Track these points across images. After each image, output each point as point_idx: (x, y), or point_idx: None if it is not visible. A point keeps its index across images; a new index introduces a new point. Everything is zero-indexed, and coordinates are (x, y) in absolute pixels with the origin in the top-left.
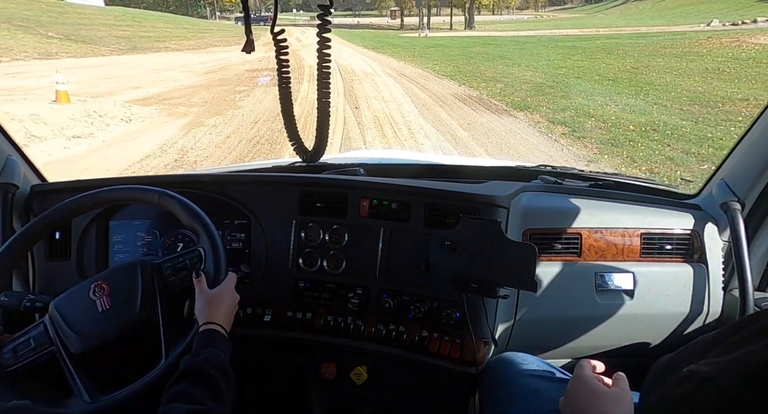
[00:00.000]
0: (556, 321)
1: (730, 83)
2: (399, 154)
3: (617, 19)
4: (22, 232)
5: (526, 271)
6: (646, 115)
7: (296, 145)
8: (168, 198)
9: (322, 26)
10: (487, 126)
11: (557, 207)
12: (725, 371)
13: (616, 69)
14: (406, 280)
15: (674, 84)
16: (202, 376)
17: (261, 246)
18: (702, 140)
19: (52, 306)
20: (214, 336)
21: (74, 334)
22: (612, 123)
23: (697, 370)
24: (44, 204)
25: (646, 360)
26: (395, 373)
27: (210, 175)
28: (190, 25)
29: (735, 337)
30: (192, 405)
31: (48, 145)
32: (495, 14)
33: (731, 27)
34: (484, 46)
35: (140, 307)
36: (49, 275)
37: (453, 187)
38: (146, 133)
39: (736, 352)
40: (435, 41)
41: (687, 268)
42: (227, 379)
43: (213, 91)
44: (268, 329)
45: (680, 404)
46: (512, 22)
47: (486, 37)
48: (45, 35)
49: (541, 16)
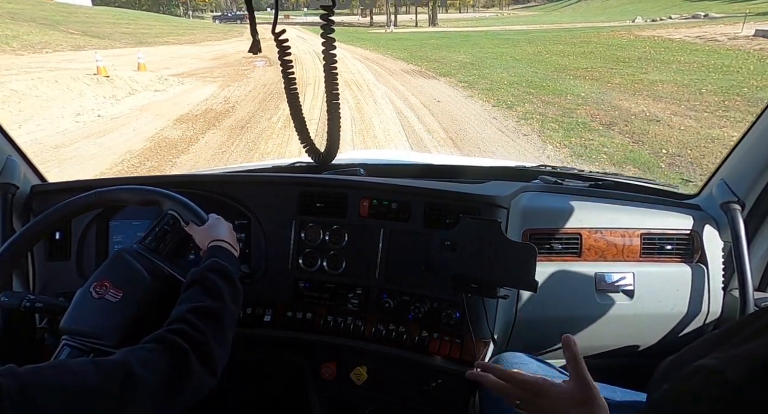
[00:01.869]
0: (556, 321)
1: (589, 60)
2: (399, 154)
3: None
4: (22, 232)
5: (526, 271)
6: (520, 77)
7: (308, 147)
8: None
9: (327, 27)
10: (419, 84)
11: (557, 207)
12: (732, 364)
13: (526, 53)
14: (406, 280)
15: (556, 61)
16: (202, 281)
17: (261, 246)
18: (541, 86)
19: (62, 328)
20: (216, 249)
21: (102, 334)
22: (496, 82)
23: (704, 365)
24: (44, 204)
25: (646, 360)
26: (395, 373)
27: (210, 175)
28: (177, 24)
29: (741, 334)
30: (188, 304)
31: (143, 94)
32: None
33: (650, 23)
34: (438, 39)
35: (150, 277)
36: (49, 275)
37: (453, 187)
38: (196, 90)
39: (743, 347)
40: (398, 36)
41: (687, 268)
42: (228, 282)
43: (224, 70)
44: (268, 329)
45: (687, 398)
46: (474, 20)
47: (443, 32)
48: (67, 32)
49: (503, 14)
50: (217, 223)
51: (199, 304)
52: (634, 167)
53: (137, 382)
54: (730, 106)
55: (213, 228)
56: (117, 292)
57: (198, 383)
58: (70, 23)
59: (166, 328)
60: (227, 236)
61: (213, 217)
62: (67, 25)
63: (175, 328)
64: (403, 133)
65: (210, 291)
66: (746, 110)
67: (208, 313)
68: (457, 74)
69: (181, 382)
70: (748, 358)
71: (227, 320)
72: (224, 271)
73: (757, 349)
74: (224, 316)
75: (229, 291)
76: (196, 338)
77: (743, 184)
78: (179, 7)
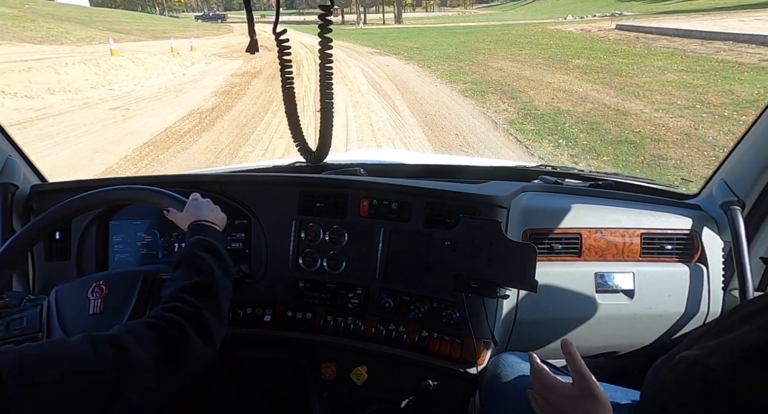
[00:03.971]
0: (556, 321)
1: (495, 44)
2: (399, 154)
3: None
4: (22, 232)
5: (526, 271)
6: (444, 54)
7: (300, 146)
8: None
9: (324, 27)
10: (377, 59)
11: (557, 207)
12: (713, 353)
13: (458, 41)
14: (406, 280)
15: (473, 46)
16: (189, 259)
17: (261, 246)
18: (454, 58)
19: (54, 291)
20: (199, 227)
21: (60, 328)
22: (428, 57)
23: (687, 355)
24: (44, 204)
25: (646, 360)
26: (395, 373)
27: (210, 175)
28: (173, 22)
29: (722, 325)
30: (179, 283)
31: (198, 65)
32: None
33: (578, 20)
34: (398, 33)
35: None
36: (49, 275)
37: (453, 187)
38: (230, 63)
39: (724, 337)
40: (366, 31)
41: (687, 268)
42: (215, 256)
43: (239, 53)
44: (268, 329)
45: (672, 389)
46: (436, 18)
47: (405, 28)
48: (97, 29)
49: (464, 12)
50: (194, 203)
51: (190, 282)
52: (466, 85)
53: (130, 356)
54: (549, 65)
55: (192, 209)
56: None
57: (197, 354)
58: (94, 22)
59: (161, 306)
60: (208, 214)
61: (191, 198)
62: (95, 24)
63: (170, 306)
64: (366, 81)
65: (198, 268)
66: (552, 66)
67: (200, 289)
68: (403, 53)
69: (177, 357)
70: (728, 347)
71: (221, 293)
72: (209, 246)
73: (738, 337)
74: (217, 289)
75: (217, 264)
76: (190, 312)
77: (743, 184)
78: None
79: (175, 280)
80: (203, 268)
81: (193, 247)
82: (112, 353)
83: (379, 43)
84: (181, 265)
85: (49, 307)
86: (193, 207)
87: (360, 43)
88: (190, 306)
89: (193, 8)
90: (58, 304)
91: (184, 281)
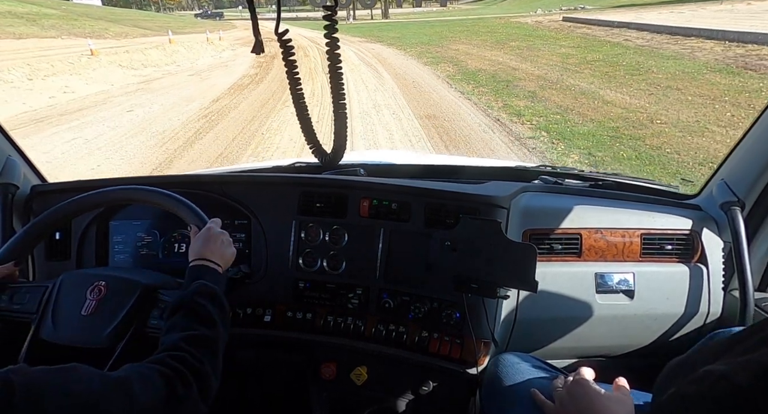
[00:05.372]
0: (556, 321)
1: (461, 34)
2: (399, 154)
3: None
4: (23, 232)
5: (526, 271)
6: (420, 41)
7: (314, 148)
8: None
9: (330, 27)
10: (365, 45)
11: (557, 207)
12: (741, 370)
13: (434, 32)
14: (406, 280)
15: (445, 35)
16: (190, 306)
17: (261, 246)
18: (426, 44)
19: (61, 278)
20: (202, 269)
21: (51, 322)
22: (406, 43)
23: (713, 370)
24: (44, 204)
25: (646, 360)
26: (395, 373)
27: (210, 176)
28: (182, 20)
29: (751, 341)
30: (182, 332)
31: (226, 52)
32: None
33: (546, 14)
34: (384, 26)
35: (107, 336)
36: (49, 275)
37: (453, 187)
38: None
39: (752, 354)
40: (356, 25)
41: (687, 268)
42: (217, 305)
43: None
44: (268, 329)
45: (695, 402)
46: (422, 13)
47: (391, 22)
48: (126, 26)
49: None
50: (207, 234)
51: (194, 333)
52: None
53: (135, 402)
54: (492, 46)
55: (203, 241)
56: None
57: (193, 409)
58: (121, 21)
59: (168, 353)
60: (215, 251)
61: (208, 225)
62: (122, 22)
63: (176, 354)
64: (357, 58)
65: (202, 318)
66: (493, 46)
67: (203, 342)
68: (387, 41)
69: (180, 407)
70: (757, 365)
71: (220, 347)
72: (212, 294)
73: (763, 356)
74: (218, 343)
75: (219, 315)
76: (196, 367)
77: (743, 184)
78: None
79: (176, 325)
80: (207, 319)
81: (195, 294)
82: (117, 396)
83: (368, 34)
84: (180, 310)
85: (51, 293)
86: (205, 239)
87: (351, 34)
88: (194, 358)
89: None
90: (59, 293)
91: (187, 330)
